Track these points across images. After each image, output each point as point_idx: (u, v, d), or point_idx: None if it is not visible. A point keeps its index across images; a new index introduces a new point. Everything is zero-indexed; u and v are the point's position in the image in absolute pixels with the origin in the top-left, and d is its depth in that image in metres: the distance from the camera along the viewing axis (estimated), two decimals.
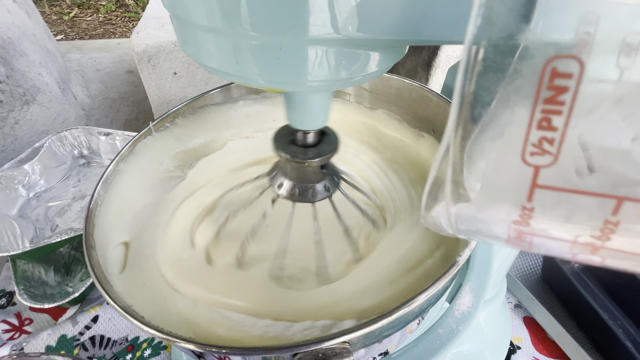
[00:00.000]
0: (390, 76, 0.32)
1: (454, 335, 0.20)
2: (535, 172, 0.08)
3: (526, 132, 0.08)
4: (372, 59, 0.16)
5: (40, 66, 0.62)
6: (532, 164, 0.08)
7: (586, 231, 0.09)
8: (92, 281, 0.42)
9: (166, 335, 0.16)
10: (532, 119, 0.08)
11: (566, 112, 0.08)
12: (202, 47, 0.15)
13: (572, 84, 0.08)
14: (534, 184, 0.09)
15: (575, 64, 0.07)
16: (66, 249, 0.48)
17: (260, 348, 0.15)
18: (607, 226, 0.08)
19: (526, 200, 0.09)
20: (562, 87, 0.08)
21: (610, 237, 0.08)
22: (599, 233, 0.08)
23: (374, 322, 0.15)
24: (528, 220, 0.09)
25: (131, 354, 0.39)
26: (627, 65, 0.07)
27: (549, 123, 0.08)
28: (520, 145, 0.08)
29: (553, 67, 0.08)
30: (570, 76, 0.08)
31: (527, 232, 0.10)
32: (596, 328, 0.40)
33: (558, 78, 0.08)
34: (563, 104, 0.08)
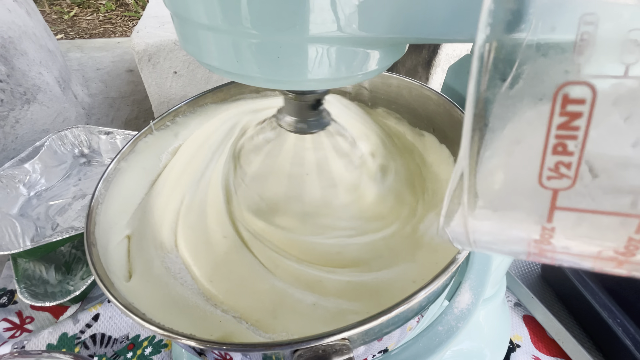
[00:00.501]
0: (390, 75, 0.32)
1: (453, 333, 0.20)
2: (554, 194, 0.09)
3: (542, 157, 0.08)
4: (372, 57, 0.16)
5: (40, 65, 0.63)
6: (549, 187, 0.08)
7: (610, 247, 0.09)
8: (93, 279, 0.42)
9: (167, 332, 0.16)
10: (546, 144, 0.08)
11: (581, 136, 0.08)
12: (202, 46, 0.16)
13: (586, 109, 0.08)
14: (552, 206, 0.09)
15: (587, 90, 0.08)
16: (67, 248, 0.48)
17: (261, 345, 0.15)
18: (632, 243, 0.08)
19: (546, 221, 0.09)
20: (575, 113, 0.08)
21: (635, 253, 0.08)
22: (623, 250, 0.09)
23: (374, 319, 0.15)
24: (549, 240, 0.09)
25: (132, 352, 0.39)
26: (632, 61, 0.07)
27: (565, 148, 0.08)
28: (537, 170, 0.08)
29: (564, 94, 0.08)
30: (582, 102, 0.08)
31: (548, 250, 0.10)
32: (596, 327, 0.40)
33: (571, 104, 0.08)
34: (578, 129, 0.08)
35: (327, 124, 0.25)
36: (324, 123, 0.25)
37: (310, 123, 0.24)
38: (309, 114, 0.24)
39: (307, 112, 0.24)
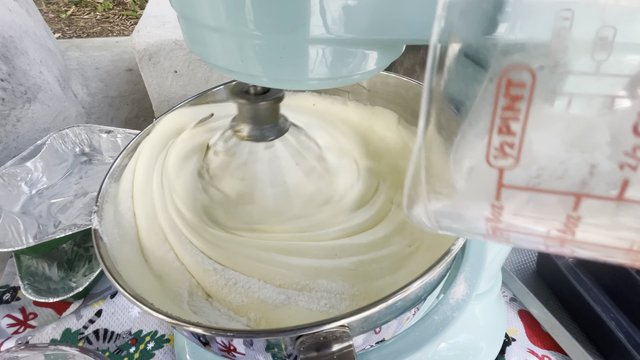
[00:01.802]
0: (388, 74, 0.33)
1: (449, 322, 0.21)
2: (500, 173, 0.09)
3: (489, 136, 0.09)
4: (370, 57, 0.16)
5: (41, 64, 0.63)
6: (496, 165, 0.09)
7: (553, 226, 0.09)
8: (96, 276, 0.42)
9: (175, 320, 0.17)
10: (492, 124, 0.09)
11: (522, 118, 0.08)
12: (208, 46, 0.16)
13: (526, 93, 0.08)
14: (499, 184, 0.09)
15: (527, 74, 0.08)
16: (69, 245, 0.48)
17: (265, 331, 0.16)
18: (570, 221, 0.09)
19: (495, 199, 0.10)
20: (517, 96, 0.08)
21: (574, 230, 0.09)
22: (564, 227, 0.09)
23: (373, 306, 0.16)
24: (499, 217, 0.10)
25: (134, 347, 0.40)
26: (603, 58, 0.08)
27: (508, 129, 0.09)
28: (485, 149, 0.09)
29: (508, 78, 0.08)
30: (523, 85, 0.08)
31: (501, 228, 0.10)
32: (589, 321, 0.41)
33: (513, 87, 0.08)
34: (519, 111, 0.08)
35: (284, 131, 0.25)
36: (281, 131, 0.25)
37: (266, 130, 0.24)
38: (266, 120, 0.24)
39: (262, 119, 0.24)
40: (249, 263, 0.23)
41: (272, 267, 0.23)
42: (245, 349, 0.20)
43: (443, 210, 0.11)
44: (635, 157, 0.08)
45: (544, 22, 0.08)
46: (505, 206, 0.09)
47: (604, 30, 0.08)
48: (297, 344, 0.17)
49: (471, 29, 0.09)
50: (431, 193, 0.11)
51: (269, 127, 0.25)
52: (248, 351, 0.21)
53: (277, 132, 0.25)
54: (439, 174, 0.11)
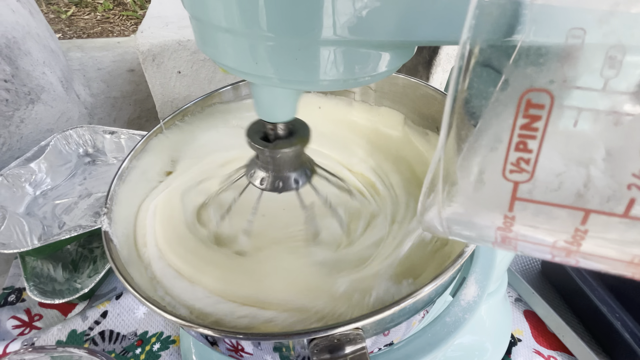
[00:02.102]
0: (397, 75, 0.33)
1: (461, 324, 0.21)
2: (515, 186, 0.10)
3: (506, 152, 0.09)
4: (382, 59, 0.16)
5: (44, 65, 0.63)
6: (511, 180, 0.10)
7: (561, 237, 0.10)
8: (101, 277, 0.42)
9: (185, 322, 0.17)
10: (510, 141, 0.09)
11: (539, 137, 0.09)
12: (220, 47, 0.16)
13: (544, 114, 0.09)
14: (513, 196, 0.10)
15: (546, 96, 0.09)
16: (74, 247, 0.48)
17: (278, 334, 0.16)
18: (578, 233, 0.10)
19: (508, 210, 0.10)
20: (535, 116, 0.09)
21: (581, 243, 0.10)
22: (571, 239, 0.10)
23: (387, 309, 0.16)
24: (510, 227, 0.11)
25: (140, 348, 0.40)
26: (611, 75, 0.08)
27: (525, 146, 0.09)
28: (502, 163, 0.10)
29: (528, 99, 0.09)
30: (542, 107, 0.09)
31: (510, 237, 0.11)
32: (595, 321, 0.41)
33: (532, 108, 0.09)
34: (537, 130, 0.09)
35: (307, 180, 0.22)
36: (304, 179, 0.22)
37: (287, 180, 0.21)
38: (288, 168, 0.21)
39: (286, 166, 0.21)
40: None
41: None
42: (254, 349, 0.20)
43: (455, 218, 0.11)
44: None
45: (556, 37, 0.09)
46: (517, 217, 0.10)
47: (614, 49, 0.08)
48: (310, 347, 0.17)
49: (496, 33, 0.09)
50: (447, 201, 0.11)
51: (295, 175, 0.22)
52: (256, 351, 0.21)
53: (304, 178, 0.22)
54: (458, 180, 0.11)
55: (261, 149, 0.20)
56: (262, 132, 0.21)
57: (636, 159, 0.08)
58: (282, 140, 0.20)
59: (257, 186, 0.22)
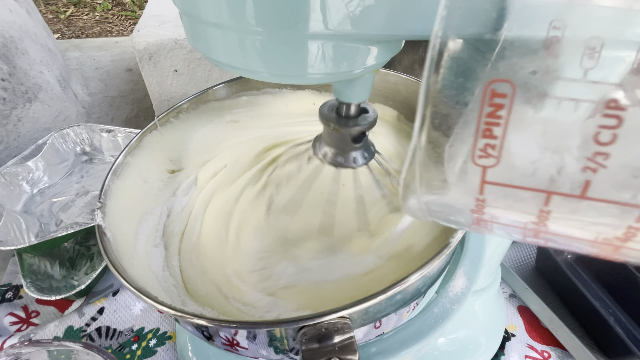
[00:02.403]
0: (387, 72, 0.33)
1: (448, 315, 0.21)
2: (483, 171, 0.10)
3: (474, 138, 0.10)
4: (370, 52, 0.17)
5: (41, 64, 0.63)
6: (480, 164, 0.10)
7: (528, 218, 0.11)
8: (97, 274, 0.43)
9: (177, 312, 0.17)
10: (478, 128, 0.10)
11: (503, 124, 0.10)
12: (210, 43, 0.16)
13: (507, 102, 0.09)
14: (482, 180, 0.11)
15: (508, 86, 0.09)
16: (71, 244, 0.49)
17: (267, 322, 0.16)
18: (542, 214, 0.10)
19: (479, 193, 0.11)
20: (499, 105, 0.10)
21: (546, 223, 0.10)
22: (537, 220, 0.10)
23: (373, 297, 0.16)
24: (482, 210, 0.11)
25: (137, 344, 0.40)
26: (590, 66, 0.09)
27: (491, 132, 0.10)
28: (471, 149, 0.10)
29: (492, 88, 0.09)
30: (505, 96, 0.09)
31: (484, 219, 0.12)
32: (588, 316, 0.41)
33: (496, 97, 0.09)
34: (501, 118, 0.10)
35: (368, 159, 0.24)
36: (366, 158, 0.23)
37: (349, 157, 0.23)
38: (350, 147, 0.23)
39: (348, 145, 0.22)
40: None
41: None
42: (249, 343, 0.21)
43: (434, 201, 0.12)
44: (596, 162, 0.09)
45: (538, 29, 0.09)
46: (487, 199, 0.11)
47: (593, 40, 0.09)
48: (299, 335, 0.17)
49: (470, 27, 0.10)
50: (424, 187, 0.12)
51: (356, 154, 0.23)
52: (251, 345, 0.21)
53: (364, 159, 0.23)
54: (433, 170, 0.12)
55: (333, 125, 0.21)
56: (334, 110, 0.22)
57: (588, 143, 0.09)
58: (352, 119, 0.22)
59: (320, 159, 0.23)
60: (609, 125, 0.09)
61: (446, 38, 0.10)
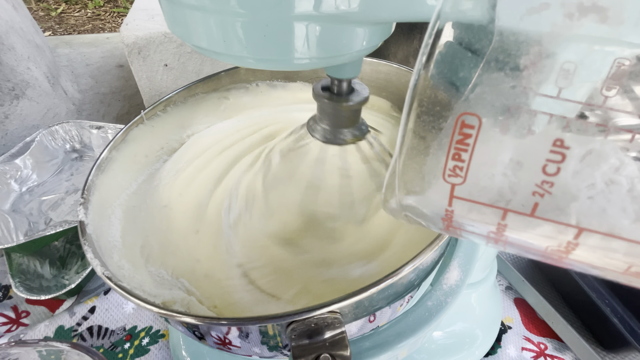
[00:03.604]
0: (379, 62, 0.33)
1: (442, 308, 0.20)
2: (452, 187, 0.12)
3: (445, 160, 0.12)
4: (359, 35, 0.16)
5: (28, 60, 0.62)
6: (449, 182, 0.12)
7: (489, 229, 0.12)
8: (88, 273, 0.42)
9: (166, 311, 0.17)
10: (448, 152, 0.11)
11: (470, 150, 0.11)
12: (190, 27, 0.16)
13: (474, 132, 0.11)
14: (451, 195, 0.12)
15: (475, 119, 0.11)
16: (61, 243, 0.48)
17: (255, 318, 0.16)
18: (500, 226, 0.12)
19: (447, 205, 0.12)
20: (467, 134, 0.11)
21: (503, 233, 0.12)
22: (496, 230, 0.12)
23: (363, 291, 0.16)
24: (451, 218, 0.13)
25: (129, 343, 0.39)
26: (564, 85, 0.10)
27: (459, 157, 0.11)
28: (442, 169, 0.12)
29: (462, 120, 0.11)
30: (472, 127, 0.11)
31: (453, 227, 0.13)
32: (585, 307, 0.41)
33: (465, 128, 0.11)
34: (468, 145, 0.11)
35: (362, 136, 0.24)
36: (359, 135, 0.23)
37: (344, 133, 0.23)
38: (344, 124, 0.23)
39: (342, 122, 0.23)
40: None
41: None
42: (241, 341, 0.20)
43: (411, 206, 0.14)
44: (543, 188, 0.11)
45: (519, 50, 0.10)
46: (455, 210, 0.12)
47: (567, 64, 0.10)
48: (287, 331, 0.16)
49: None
50: (402, 192, 0.14)
51: (348, 131, 0.23)
52: (243, 344, 0.20)
53: (356, 136, 0.23)
54: (413, 178, 0.13)
55: (326, 100, 0.22)
56: (326, 87, 0.23)
57: (538, 172, 0.10)
58: (344, 96, 0.22)
59: (315, 137, 0.24)
60: (555, 160, 0.10)
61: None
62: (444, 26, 0.11)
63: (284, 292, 0.22)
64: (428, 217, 0.13)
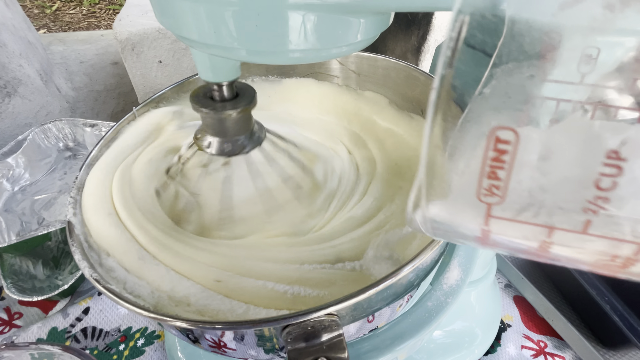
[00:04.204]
0: (376, 56, 0.32)
1: (443, 308, 0.20)
2: (488, 207, 0.11)
3: (479, 179, 0.10)
4: (355, 27, 0.15)
5: (20, 57, 0.61)
6: (485, 202, 0.11)
7: (532, 245, 0.11)
8: (82, 273, 0.41)
9: (157, 315, 0.16)
10: (482, 170, 0.10)
11: (507, 168, 0.10)
12: (179, 17, 0.15)
13: (511, 149, 0.10)
14: (488, 215, 0.11)
15: (511, 134, 0.10)
16: (54, 242, 0.47)
17: (249, 322, 0.15)
18: (544, 244, 0.11)
19: (484, 225, 0.11)
20: (503, 150, 0.10)
21: (548, 250, 0.11)
22: (539, 247, 0.11)
23: (361, 293, 0.15)
24: (487, 236, 0.12)
25: (124, 344, 0.39)
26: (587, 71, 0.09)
27: (496, 175, 0.10)
28: (476, 188, 0.11)
29: (496, 136, 0.10)
30: (509, 142, 0.10)
31: (489, 243, 0.12)
32: (584, 304, 0.41)
33: (500, 144, 0.10)
34: (504, 162, 0.10)
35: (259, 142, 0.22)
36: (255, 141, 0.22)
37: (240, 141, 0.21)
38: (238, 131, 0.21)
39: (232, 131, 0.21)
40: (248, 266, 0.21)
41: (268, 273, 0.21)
42: (236, 344, 0.19)
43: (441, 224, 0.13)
44: (596, 205, 0.09)
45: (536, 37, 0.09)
46: (492, 229, 0.11)
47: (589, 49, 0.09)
48: (283, 335, 0.16)
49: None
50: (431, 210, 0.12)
51: (242, 138, 0.21)
52: (239, 346, 0.20)
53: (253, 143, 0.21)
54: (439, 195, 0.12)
55: (206, 111, 0.19)
56: (207, 95, 0.20)
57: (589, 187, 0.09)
58: (229, 102, 0.20)
59: (205, 150, 0.21)
60: (610, 173, 0.09)
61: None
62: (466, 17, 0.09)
63: None
64: (459, 235, 0.12)
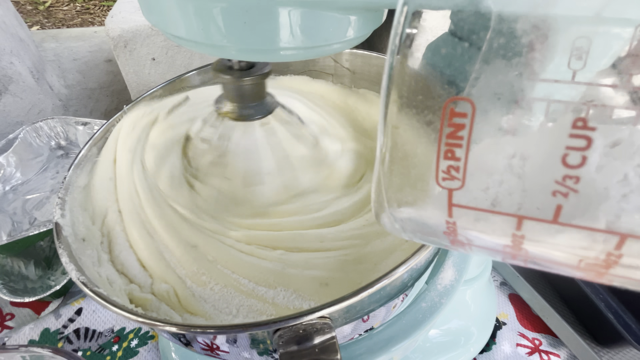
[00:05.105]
0: (370, 54, 0.32)
1: (437, 309, 0.20)
2: (449, 193, 0.10)
3: (436, 161, 0.10)
4: (347, 23, 0.15)
5: (11, 55, 0.60)
6: (445, 187, 0.10)
7: (503, 241, 0.10)
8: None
9: (147, 320, 0.16)
10: (439, 150, 0.09)
11: (465, 145, 0.09)
12: (166, 14, 0.15)
13: (467, 122, 0.09)
14: (450, 203, 0.10)
15: (468, 105, 0.09)
16: (47, 243, 0.46)
17: (240, 326, 0.15)
18: (516, 238, 0.10)
19: (447, 216, 0.10)
20: (459, 125, 0.09)
21: (521, 247, 0.10)
22: (512, 244, 0.10)
23: (353, 296, 0.15)
24: (455, 232, 0.11)
25: (117, 345, 0.38)
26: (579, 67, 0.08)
27: (453, 154, 0.09)
28: (434, 172, 0.10)
29: (451, 107, 0.09)
30: (465, 115, 0.09)
31: (459, 241, 0.11)
32: (579, 302, 0.41)
33: (455, 117, 0.09)
34: (461, 139, 0.09)
35: (273, 108, 0.24)
36: (270, 107, 0.24)
37: (254, 108, 0.23)
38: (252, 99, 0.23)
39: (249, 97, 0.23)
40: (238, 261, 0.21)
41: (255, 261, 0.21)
42: (229, 347, 0.19)
43: (407, 221, 0.11)
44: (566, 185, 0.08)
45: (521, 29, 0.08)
46: (457, 222, 0.10)
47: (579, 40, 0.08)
48: (275, 338, 0.15)
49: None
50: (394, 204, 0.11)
51: (258, 105, 0.23)
52: (232, 349, 0.19)
53: (267, 109, 0.24)
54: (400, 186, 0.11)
55: (227, 77, 0.21)
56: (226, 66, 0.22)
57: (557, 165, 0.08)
58: (245, 71, 0.21)
59: (224, 114, 0.23)
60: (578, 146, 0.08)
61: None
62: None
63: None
64: (430, 233, 0.11)
